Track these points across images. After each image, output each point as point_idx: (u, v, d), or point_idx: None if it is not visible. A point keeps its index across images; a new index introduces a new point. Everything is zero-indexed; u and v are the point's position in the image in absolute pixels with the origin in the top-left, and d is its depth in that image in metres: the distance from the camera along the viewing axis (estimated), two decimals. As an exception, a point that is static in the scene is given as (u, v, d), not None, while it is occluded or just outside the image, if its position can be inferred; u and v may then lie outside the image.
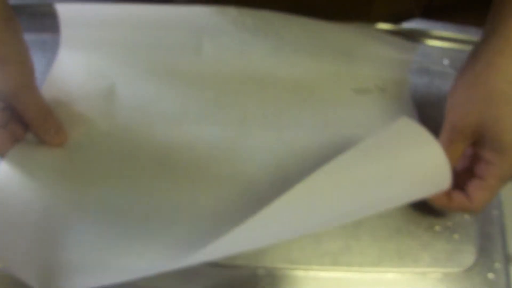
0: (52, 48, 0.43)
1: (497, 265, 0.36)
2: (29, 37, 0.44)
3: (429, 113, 0.43)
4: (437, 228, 0.37)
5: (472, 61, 0.35)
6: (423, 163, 0.32)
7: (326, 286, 0.35)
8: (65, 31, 0.41)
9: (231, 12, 0.41)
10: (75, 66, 0.41)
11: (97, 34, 0.41)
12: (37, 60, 0.42)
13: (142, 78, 0.41)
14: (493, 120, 0.33)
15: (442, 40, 0.47)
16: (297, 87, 0.42)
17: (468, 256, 0.36)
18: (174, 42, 0.41)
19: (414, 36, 0.47)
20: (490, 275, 0.36)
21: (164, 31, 0.41)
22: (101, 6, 0.42)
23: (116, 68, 0.41)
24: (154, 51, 0.41)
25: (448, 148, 0.34)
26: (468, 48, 0.47)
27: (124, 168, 0.36)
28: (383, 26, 0.47)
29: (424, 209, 0.37)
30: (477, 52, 0.35)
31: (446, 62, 0.46)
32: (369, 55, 0.43)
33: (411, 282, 0.35)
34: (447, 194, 0.34)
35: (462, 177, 0.35)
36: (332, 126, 0.40)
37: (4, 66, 0.33)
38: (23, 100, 0.34)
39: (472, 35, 0.47)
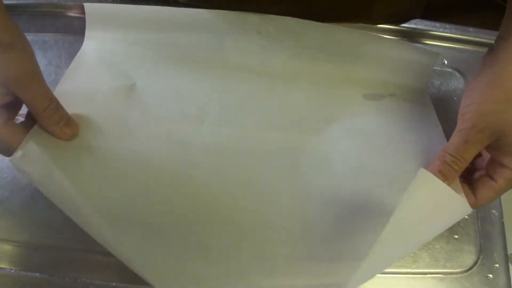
0: (52, 48, 0.43)
1: (497, 265, 0.36)
2: (29, 37, 0.44)
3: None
4: (437, 228, 0.37)
5: (490, 59, 0.34)
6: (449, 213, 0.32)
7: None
8: (90, 28, 0.41)
9: (254, 18, 0.42)
10: (96, 63, 0.41)
11: (121, 33, 0.41)
12: (37, 60, 0.42)
13: (163, 78, 0.41)
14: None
15: (442, 40, 0.47)
16: (316, 92, 0.42)
17: (468, 256, 0.36)
18: (197, 44, 0.42)
19: (414, 36, 0.47)
20: (490, 275, 0.36)
21: (187, 34, 0.42)
22: (127, 6, 0.42)
23: (137, 67, 0.41)
24: (176, 52, 0.42)
25: (462, 147, 0.33)
26: (468, 48, 0.47)
27: (142, 169, 0.36)
28: (384, 27, 0.47)
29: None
30: (495, 50, 0.34)
31: (445, 62, 0.46)
32: (389, 62, 0.43)
33: (411, 282, 0.35)
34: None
35: (470, 170, 0.34)
36: (350, 133, 0.40)
37: (8, 52, 0.31)
38: (30, 89, 0.32)
39: (472, 35, 0.47)
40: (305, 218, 0.36)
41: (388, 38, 0.44)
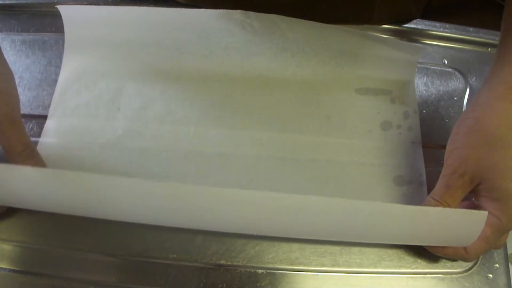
0: (52, 48, 0.43)
1: (497, 265, 0.36)
2: (29, 37, 0.44)
3: (428, 113, 0.43)
4: (437, 228, 0.37)
5: (473, 105, 0.35)
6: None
7: (326, 286, 0.35)
8: (69, 33, 0.41)
9: (237, 15, 0.41)
10: (80, 69, 0.41)
11: (102, 36, 0.41)
12: (37, 60, 0.43)
13: (148, 79, 0.41)
14: (492, 167, 0.32)
15: (442, 40, 0.47)
16: (302, 88, 0.42)
17: (468, 256, 0.36)
18: (181, 43, 0.41)
19: (414, 36, 0.47)
20: (490, 275, 0.36)
21: (170, 33, 0.41)
22: (105, 7, 0.42)
23: (122, 70, 0.41)
24: (161, 52, 0.41)
25: (445, 192, 0.33)
26: (468, 48, 0.47)
27: (133, 174, 0.36)
28: (384, 27, 0.47)
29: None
30: (478, 96, 0.35)
31: (445, 62, 0.46)
32: (374, 57, 0.43)
33: (411, 282, 0.35)
34: None
35: None
36: (336, 131, 0.40)
37: None
38: (6, 133, 0.32)
39: (472, 35, 0.47)
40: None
41: (372, 34, 0.44)
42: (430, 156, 0.40)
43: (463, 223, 0.32)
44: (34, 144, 0.35)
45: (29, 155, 0.34)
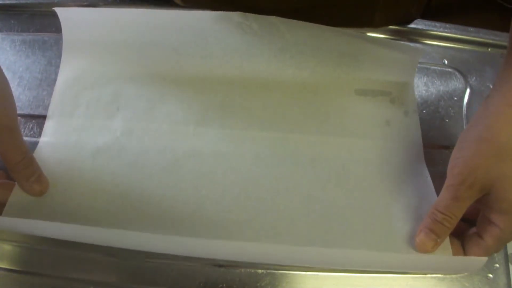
0: (52, 48, 0.43)
1: (497, 265, 0.36)
2: (29, 37, 0.44)
3: (428, 113, 0.43)
4: (437, 228, 0.37)
5: (483, 110, 0.34)
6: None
7: (326, 286, 0.35)
8: (67, 35, 0.41)
9: (236, 17, 0.41)
10: (79, 71, 0.41)
11: (100, 38, 0.41)
12: (37, 60, 0.43)
13: (147, 80, 0.41)
14: (502, 177, 0.31)
15: (442, 40, 0.47)
16: (302, 89, 0.42)
17: (468, 256, 0.36)
18: (179, 45, 0.41)
19: (414, 36, 0.47)
20: (490, 275, 0.36)
21: (168, 34, 0.41)
22: (103, 9, 0.42)
23: (120, 71, 0.41)
24: (159, 53, 0.41)
25: (452, 204, 0.32)
26: (468, 48, 0.47)
27: (132, 174, 0.37)
28: (384, 27, 0.47)
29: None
30: (488, 103, 0.34)
31: (445, 62, 0.46)
32: (373, 59, 0.43)
33: (411, 282, 0.35)
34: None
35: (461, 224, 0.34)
36: (336, 130, 0.40)
37: None
38: (5, 143, 0.32)
39: (472, 35, 0.47)
40: (292, 217, 0.36)
41: (372, 36, 0.44)
42: (430, 156, 0.40)
43: (462, 267, 0.33)
44: (32, 152, 0.35)
45: (27, 163, 0.34)
